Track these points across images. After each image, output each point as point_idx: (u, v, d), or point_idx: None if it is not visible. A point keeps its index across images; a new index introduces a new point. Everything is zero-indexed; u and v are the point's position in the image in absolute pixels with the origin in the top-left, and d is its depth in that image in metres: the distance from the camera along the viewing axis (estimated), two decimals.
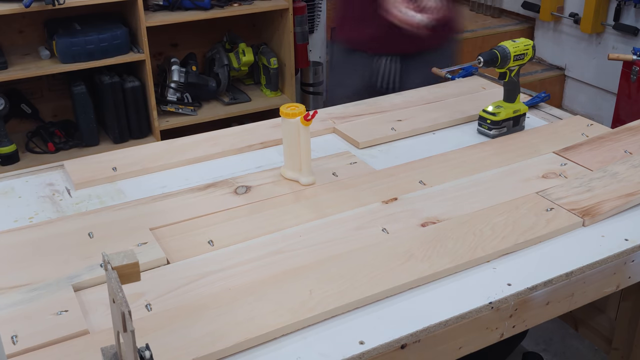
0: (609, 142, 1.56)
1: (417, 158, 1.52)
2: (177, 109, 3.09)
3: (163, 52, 3.24)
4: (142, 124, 3.02)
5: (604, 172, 1.41)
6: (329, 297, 1.04)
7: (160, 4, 2.95)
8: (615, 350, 1.70)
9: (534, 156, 1.51)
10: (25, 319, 1.00)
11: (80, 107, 2.90)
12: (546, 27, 4.09)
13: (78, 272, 1.11)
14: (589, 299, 1.21)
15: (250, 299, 1.04)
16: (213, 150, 1.56)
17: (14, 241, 1.21)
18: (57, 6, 2.58)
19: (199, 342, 0.95)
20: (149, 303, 1.04)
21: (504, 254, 1.17)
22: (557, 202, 1.30)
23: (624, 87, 3.21)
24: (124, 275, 0.80)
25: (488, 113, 1.62)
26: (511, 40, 1.59)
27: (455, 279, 1.12)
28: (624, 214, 1.30)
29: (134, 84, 2.93)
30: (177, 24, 2.98)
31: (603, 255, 1.18)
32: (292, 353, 0.96)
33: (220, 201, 1.34)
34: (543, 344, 2.18)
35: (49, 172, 1.49)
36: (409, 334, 1.00)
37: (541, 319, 1.16)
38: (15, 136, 2.90)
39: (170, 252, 1.17)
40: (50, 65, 2.77)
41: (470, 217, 1.26)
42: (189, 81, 3.10)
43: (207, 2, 2.97)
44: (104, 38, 2.77)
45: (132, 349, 0.75)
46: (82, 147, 2.97)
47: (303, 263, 1.13)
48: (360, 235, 1.22)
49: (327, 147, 1.59)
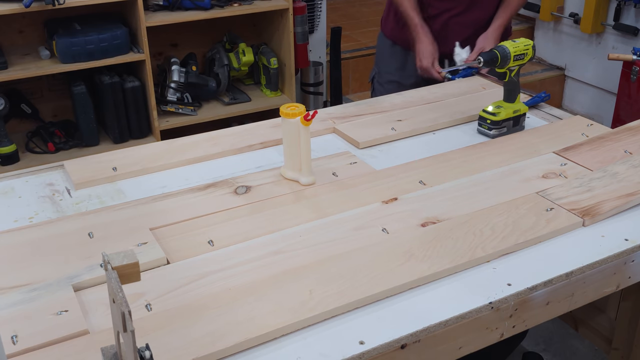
0: (609, 142, 1.56)
1: (417, 158, 1.52)
2: (177, 109, 3.09)
3: (163, 52, 3.24)
4: (142, 124, 3.02)
5: (604, 172, 1.41)
6: (329, 297, 1.04)
7: (160, 4, 2.95)
8: (615, 350, 1.70)
9: (534, 156, 1.51)
10: (25, 319, 1.00)
11: (80, 107, 2.90)
12: (546, 27, 4.09)
13: (78, 272, 1.11)
14: (589, 299, 1.21)
15: (251, 299, 1.04)
16: (213, 150, 1.56)
17: (14, 241, 1.21)
18: (57, 6, 2.58)
19: (199, 342, 0.95)
20: (149, 303, 1.04)
21: (504, 254, 1.17)
22: (557, 202, 1.30)
23: (624, 87, 3.22)
24: (124, 275, 0.80)
25: (488, 113, 1.62)
26: (511, 40, 1.59)
27: (455, 279, 1.12)
28: (624, 214, 1.30)
29: (134, 84, 2.93)
30: (177, 24, 2.98)
31: (603, 255, 1.18)
32: (292, 353, 0.96)
33: (220, 201, 1.34)
34: (543, 344, 2.18)
35: (49, 172, 1.49)
36: (409, 334, 1.00)
37: (541, 319, 1.16)
38: (15, 136, 2.90)
39: (170, 252, 1.17)
40: (50, 65, 2.76)
41: (470, 217, 1.26)
42: (189, 81, 3.10)
43: (207, 2, 2.97)
44: (104, 38, 2.77)
45: (132, 349, 0.75)
46: (82, 147, 2.96)
47: (303, 263, 1.13)
48: (360, 235, 1.22)
49: (327, 147, 1.59)
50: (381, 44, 2.33)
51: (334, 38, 3.46)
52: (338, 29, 3.49)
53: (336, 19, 4.44)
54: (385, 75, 2.30)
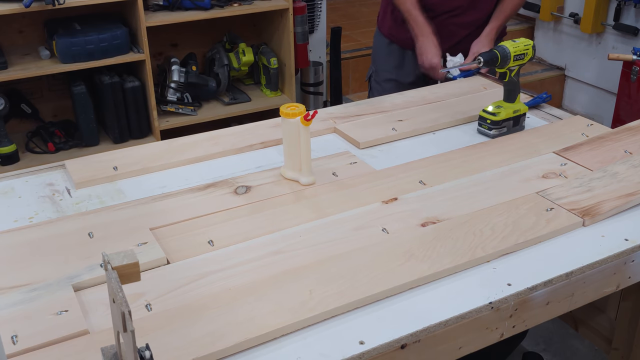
0: (609, 142, 1.56)
1: (417, 158, 1.52)
2: (177, 109, 3.09)
3: (163, 52, 3.24)
4: (142, 124, 3.02)
5: (604, 172, 1.41)
6: (329, 297, 1.04)
7: (160, 4, 2.95)
8: (615, 350, 1.70)
9: (534, 156, 1.51)
10: (25, 319, 1.00)
11: (80, 107, 2.90)
12: (546, 27, 4.09)
13: (78, 272, 1.11)
14: (589, 299, 1.21)
15: (250, 299, 1.04)
16: (213, 150, 1.56)
17: (13, 241, 1.21)
18: (57, 6, 2.58)
19: (199, 342, 0.95)
20: (149, 303, 1.03)
21: (504, 254, 1.17)
22: (557, 202, 1.30)
23: (624, 87, 3.21)
24: (124, 275, 0.80)
25: (488, 113, 1.62)
26: (511, 40, 1.59)
27: (455, 279, 1.12)
28: (624, 214, 1.30)
29: (134, 84, 2.93)
30: (177, 24, 2.98)
31: (603, 255, 1.18)
32: (292, 353, 0.96)
33: (220, 201, 1.34)
34: (543, 344, 2.18)
35: (49, 172, 1.49)
36: (409, 334, 1.00)
37: (541, 319, 1.16)
38: (15, 136, 2.90)
39: (170, 252, 1.17)
40: (50, 65, 2.76)
41: (470, 217, 1.26)
42: (189, 81, 3.10)
43: (207, 2, 2.97)
44: (104, 38, 2.77)
45: (132, 349, 0.75)
46: (82, 147, 2.96)
47: (303, 263, 1.13)
48: (360, 235, 1.22)
49: (327, 147, 1.59)
50: (378, 43, 2.32)
51: (334, 38, 3.46)
52: (338, 29, 3.49)
53: (336, 19, 4.44)
54: (382, 74, 2.30)
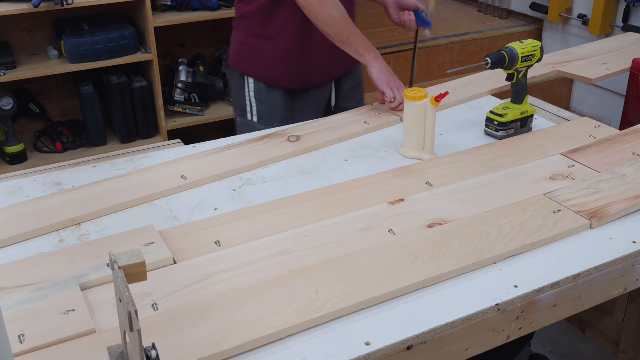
0: (617, 144, 1.55)
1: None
2: (185, 109, 3.10)
3: (171, 52, 3.25)
4: (150, 124, 3.03)
5: (612, 174, 1.41)
6: (335, 297, 1.04)
7: (168, 5, 2.96)
8: (623, 353, 1.70)
9: (541, 158, 1.50)
10: (32, 318, 1.00)
11: (88, 107, 2.91)
12: (554, 29, 4.08)
13: (85, 272, 1.11)
14: (596, 302, 1.21)
15: (257, 299, 1.04)
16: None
17: None
18: (65, 6, 2.59)
19: (205, 342, 0.95)
20: (155, 303, 1.04)
21: (510, 256, 1.17)
22: (564, 204, 1.30)
23: (632, 89, 3.20)
24: (131, 274, 0.80)
25: (495, 114, 1.62)
26: (519, 42, 1.58)
27: (461, 280, 1.12)
28: (632, 217, 1.30)
29: (142, 84, 2.94)
30: (185, 25, 2.99)
31: (611, 257, 1.17)
32: (298, 354, 0.96)
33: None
34: (550, 346, 2.17)
35: (56, 172, 1.49)
36: (415, 335, 0.99)
37: (548, 321, 1.16)
38: (23, 136, 2.92)
39: (177, 252, 1.17)
40: (58, 65, 2.78)
41: (477, 219, 1.25)
42: (197, 81, 3.11)
43: (214, 3, 2.97)
44: (112, 38, 2.78)
45: (138, 349, 0.75)
46: (89, 146, 2.98)
47: (309, 264, 1.13)
48: (367, 236, 1.22)
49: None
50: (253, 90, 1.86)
51: None
52: None
53: None
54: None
